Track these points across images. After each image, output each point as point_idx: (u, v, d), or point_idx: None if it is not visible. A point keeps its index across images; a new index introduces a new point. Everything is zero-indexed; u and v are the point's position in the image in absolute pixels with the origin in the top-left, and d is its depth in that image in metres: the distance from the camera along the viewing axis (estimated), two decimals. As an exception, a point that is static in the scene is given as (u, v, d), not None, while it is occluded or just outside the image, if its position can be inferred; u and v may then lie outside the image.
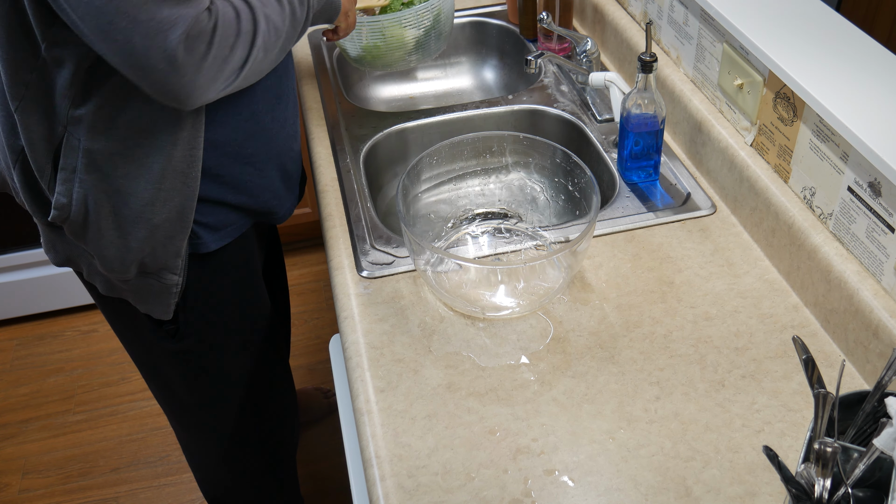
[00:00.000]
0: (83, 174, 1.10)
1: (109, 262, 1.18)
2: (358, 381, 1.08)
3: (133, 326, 1.33)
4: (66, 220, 1.14)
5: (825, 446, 0.73)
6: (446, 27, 1.55)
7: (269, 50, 1.09)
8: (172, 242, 1.19)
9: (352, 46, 1.51)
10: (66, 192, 1.12)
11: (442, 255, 1.19)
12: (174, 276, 1.22)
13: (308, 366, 2.36)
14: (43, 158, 1.11)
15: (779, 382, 1.05)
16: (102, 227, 1.15)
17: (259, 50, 1.06)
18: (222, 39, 1.00)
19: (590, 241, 1.13)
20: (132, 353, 1.46)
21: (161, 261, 1.20)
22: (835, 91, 1.08)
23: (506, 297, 1.20)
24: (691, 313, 1.15)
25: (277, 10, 1.09)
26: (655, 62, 1.28)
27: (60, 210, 1.13)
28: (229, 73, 1.03)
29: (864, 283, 1.05)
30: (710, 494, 0.93)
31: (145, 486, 2.09)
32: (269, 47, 1.09)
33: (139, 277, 1.22)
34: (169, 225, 1.16)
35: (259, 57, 1.07)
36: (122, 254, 1.17)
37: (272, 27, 1.08)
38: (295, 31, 1.15)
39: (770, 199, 1.20)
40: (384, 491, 0.95)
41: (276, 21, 1.09)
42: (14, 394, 2.36)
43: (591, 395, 1.05)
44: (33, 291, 2.49)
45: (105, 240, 1.16)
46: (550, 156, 1.29)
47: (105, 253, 1.17)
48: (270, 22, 1.08)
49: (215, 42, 0.99)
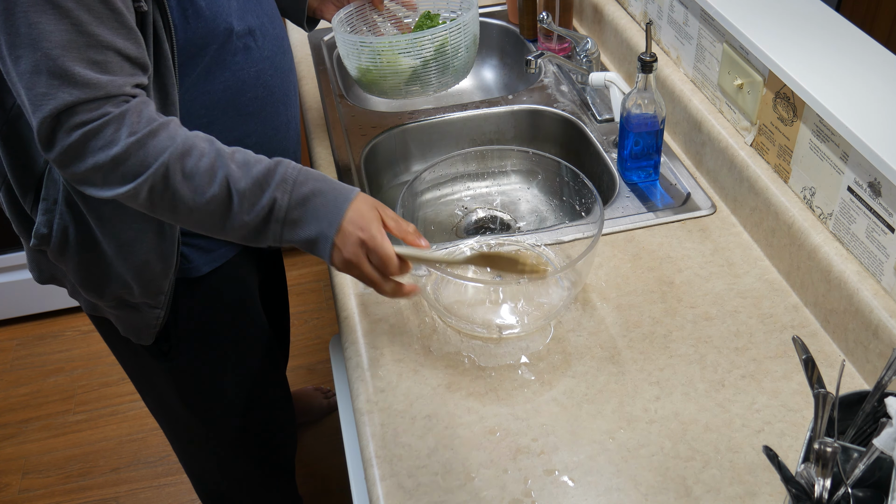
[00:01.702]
0: (63, 207, 1.08)
1: (88, 289, 1.16)
2: (358, 381, 1.08)
3: (125, 341, 1.29)
4: (47, 247, 1.12)
5: (825, 446, 0.73)
6: (457, 62, 1.33)
7: (159, 203, 0.94)
8: (154, 282, 1.15)
9: (349, 64, 1.35)
10: (47, 223, 1.09)
11: (450, 275, 1.14)
12: (156, 310, 1.19)
13: (308, 366, 2.36)
14: (26, 187, 1.09)
15: (779, 382, 1.05)
16: (81, 260, 1.12)
17: (151, 187, 0.93)
18: (97, 139, 0.91)
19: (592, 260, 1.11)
20: (125, 368, 1.43)
21: (142, 296, 1.17)
22: (835, 91, 1.08)
23: (509, 315, 1.19)
24: (691, 313, 1.15)
25: (206, 180, 0.93)
26: (655, 62, 1.28)
27: (40, 240, 1.11)
28: (86, 178, 0.93)
29: (864, 283, 1.05)
30: (710, 494, 0.93)
31: (145, 486, 2.09)
32: (163, 200, 0.94)
33: (119, 307, 1.20)
34: (149, 266, 1.13)
35: (144, 194, 0.93)
36: (100, 284, 1.15)
37: (180, 185, 0.93)
38: (213, 221, 0.95)
39: (770, 199, 1.20)
40: (384, 491, 0.95)
41: (192, 186, 0.93)
42: (14, 394, 2.36)
43: (591, 395, 1.05)
44: (33, 291, 2.49)
45: (85, 270, 1.14)
46: (556, 171, 1.27)
47: (84, 282, 1.15)
48: (184, 178, 0.93)
49: (82, 134, 0.91)
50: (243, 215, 0.95)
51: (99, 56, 0.91)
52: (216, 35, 1.09)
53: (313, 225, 0.96)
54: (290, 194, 0.95)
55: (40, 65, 0.88)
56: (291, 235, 0.96)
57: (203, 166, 0.93)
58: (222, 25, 1.09)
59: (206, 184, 0.93)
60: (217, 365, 1.38)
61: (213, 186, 0.93)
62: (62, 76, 0.89)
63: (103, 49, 0.91)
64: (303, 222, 0.96)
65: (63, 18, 0.88)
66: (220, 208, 0.94)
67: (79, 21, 0.89)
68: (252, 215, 0.95)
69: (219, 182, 0.93)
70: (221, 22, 1.09)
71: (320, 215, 0.96)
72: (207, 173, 0.93)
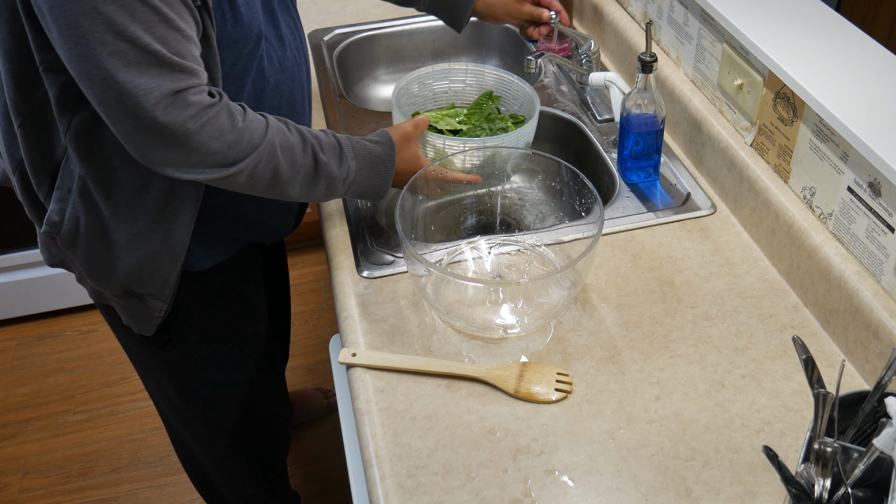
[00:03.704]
0: (77, 197, 1.10)
1: (95, 277, 1.18)
2: (358, 381, 1.08)
3: (127, 329, 1.31)
4: (57, 235, 1.14)
5: (825, 446, 0.73)
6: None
7: (258, 179, 1.05)
8: (161, 273, 1.17)
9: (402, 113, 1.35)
10: (59, 211, 1.11)
11: (450, 276, 1.15)
12: (159, 302, 1.21)
13: (308, 366, 2.36)
14: (42, 175, 1.10)
15: (779, 382, 1.05)
16: (91, 248, 1.14)
17: (254, 169, 1.04)
18: (216, 126, 0.98)
19: (592, 260, 1.11)
20: (128, 354, 1.45)
21: (147, 287, 1.19)
22: (835, 91, 1.08)
23: (509, 315, 1.19)
24: (691, 313, 1.15)
25: (299, 151, 1.07)
26: (655, 62, 1.27)
27: (51, 227, 1.12)
28: (201, 161, 1.00)
29: (864, 283, 1.05)
30: (710, 494, 0.93)
31: (145, 486, 2.09)
32: (264, 176, 1.06)
33: (124, 296, 1.21)
34: (159, 257, 1.15)
35: (247, 171, 1.03)
36: (107, 274, 1.16)
37: (282, 160, 1.05)
38: (307, 182, 1.10)
39: (770, 199, 1.20)
40: (384, 491, 0.95)
41: (290, 158, 1.06)
42: (14, 394, 2.36)
43: (591, 395, 1.05)
44: (33, 291, 2.49)
45: (93, 259, 1.15)
46: (556, 171, 1.27)
47: (91, 270, 1.17)
48: (285, 153, 1.06)
49: (206, 122, 0.97)
50: (332, 168, 1.12)
51: (187, 50, 0.96)
52: (249, 39, 1.12)
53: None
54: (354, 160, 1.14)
55: (141, 57, 0.92)
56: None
57: (294, 139, 1.07)
58: (255, 31, 1.12)
59: (300, 153, 1.08)
60: (215, 358, 1.39)
61: (306, 157, 1.08)
62: (165, 65, 0.93)
63: (187, 42, 0.96)
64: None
65: (154, 14, 0.92)
66: (311, 171, 1.10)
67: (168, 17, 0.93)
68: (337, 168, 1.12)
69: (309, 152, 1.09)
70: (254, 27, 1.12)
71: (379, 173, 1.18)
72: (300, 144, 1.08)
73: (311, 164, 1.09)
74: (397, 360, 1.08)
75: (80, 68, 0.92)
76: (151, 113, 0.94)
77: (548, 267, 1.26)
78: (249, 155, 1.02)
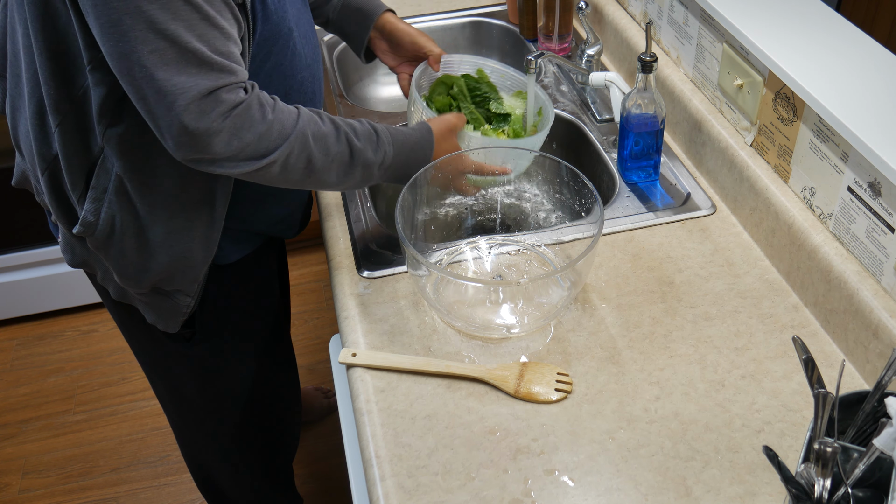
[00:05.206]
0: (113, 196, 1.11)
1: (126, 277, 1.19)
2: (358, 381, 1.08)
3: (146, 328, 1.32)
4: (91, 236, 1.14)
5: (825, 446, 0.73)
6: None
7: (292, 169, 1.06)
8: (192, 270, 1.19)
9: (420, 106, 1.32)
10: (94, 211, 1.12)
11: (450, 276, 1.15)
12: (188, 298, 1.23)
13: (308, 366, 2.36)
14: (77, 175, 1.11)
15: (779, 382, 1.05)
16: (125, 247, 1.15)
17: (288, 154, 1.04)
18: (246, 119, 0.99)
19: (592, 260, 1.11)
20: (141, 353, 1.45)
21: (178, 284, 1.20)
22: (835, 91, 1.08)
23: (509, 315, 1.19)
24: (691, 313, 1.15)
25: (333, 140, 1.08)
26: (655, 62, 1.27)
27: (86, 227, 1.13)
28: (234, 155, 1.01)
29: (864, 283, 1.05)
30: (710, 494, 0.93)
31: (145, 486, 2.09)
32: (297, 166, 1.06)
33: (152, 294, 1.22)
34: (191, 254, 1.17)
35: (280, 162, 1.04)
36: (139, 273, 1.17)
37: (317, 149, 1.06)
38: (343, 170, 1.10)
39: (770, 199, 1.20)
40: (384, 491, 0.95)
41: (324, 147, 1.07)
42: (14, 394, 2.36)
43: (591, 395, 1.05)
44: (33, 291, 2.49)
45: (126, 259, 1.16)
46: (556, 171, 1.27)
47: (123, 270, 1.18)
48: (318, 143, 1.06)
49: (235, 115, 0.98)
50: (368, 154, 1.12)
51: (226, 48, 0.97)
52: (279, 35, 1.12)
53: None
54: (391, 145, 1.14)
55: (181, 56, 0.93)
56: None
57: (327, 128, 1.08)
58: (284, 28, 1.13)
59: (334, 142, 1.08)
60: (238, 351, 1.41)
61: (340, 145, 1.09)
62: (204, 63, 0.94)
63: (227, 40, 0.97)
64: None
65: (195, 12, 0.93)
66: (346, 159, 1.10)
67: (208, 15, 0.94)
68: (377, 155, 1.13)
69: (343, 140, 1.09)
70: (284, 25, 1.13)
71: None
72: (333, 133, 1.09)
73: (346, 151, 1.09)
74: (397, 360, 1.08)
75: (120, 65, 0.93)
76: (186, 111, 0.95)
77: (548, 267, 1.26)
78: (281, 145, 1.02)
